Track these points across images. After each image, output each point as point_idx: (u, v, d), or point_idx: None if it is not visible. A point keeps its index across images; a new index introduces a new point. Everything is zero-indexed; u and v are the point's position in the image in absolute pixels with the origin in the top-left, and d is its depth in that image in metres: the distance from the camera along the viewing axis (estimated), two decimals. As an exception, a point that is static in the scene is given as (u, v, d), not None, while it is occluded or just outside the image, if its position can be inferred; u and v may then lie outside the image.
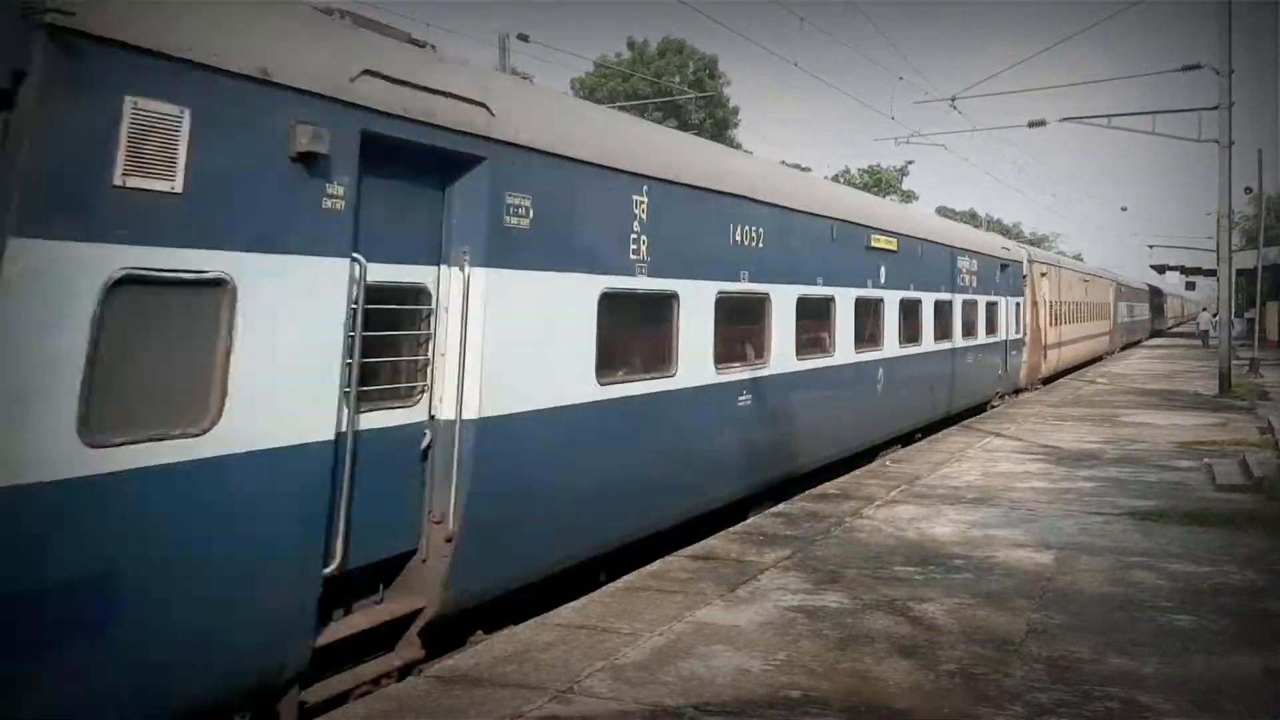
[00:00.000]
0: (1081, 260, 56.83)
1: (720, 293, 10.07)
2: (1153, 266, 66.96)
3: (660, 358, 9.26)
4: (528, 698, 5.60)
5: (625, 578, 8.15)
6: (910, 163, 76.98)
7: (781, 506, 11.10)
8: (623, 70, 53.75)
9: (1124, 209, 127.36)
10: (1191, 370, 33.39)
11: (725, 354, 10.27)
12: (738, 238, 10.48)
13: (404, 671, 6.38)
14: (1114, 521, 10.27)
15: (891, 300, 15.36)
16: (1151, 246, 66.43)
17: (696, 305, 9.65)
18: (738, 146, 53.00)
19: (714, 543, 9.37)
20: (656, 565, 8.54)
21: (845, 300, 13.51)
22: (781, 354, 11.49)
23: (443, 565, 6.59)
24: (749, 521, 10.37)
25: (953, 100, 28.12)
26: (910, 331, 16.34)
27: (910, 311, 16.30)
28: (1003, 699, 5.66)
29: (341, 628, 6.08)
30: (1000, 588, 7.86)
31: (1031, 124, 29.62)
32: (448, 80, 6.64)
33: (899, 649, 6.46)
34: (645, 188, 8.75)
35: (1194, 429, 17.71)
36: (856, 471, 13.64)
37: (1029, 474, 13.10)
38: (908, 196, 71.35)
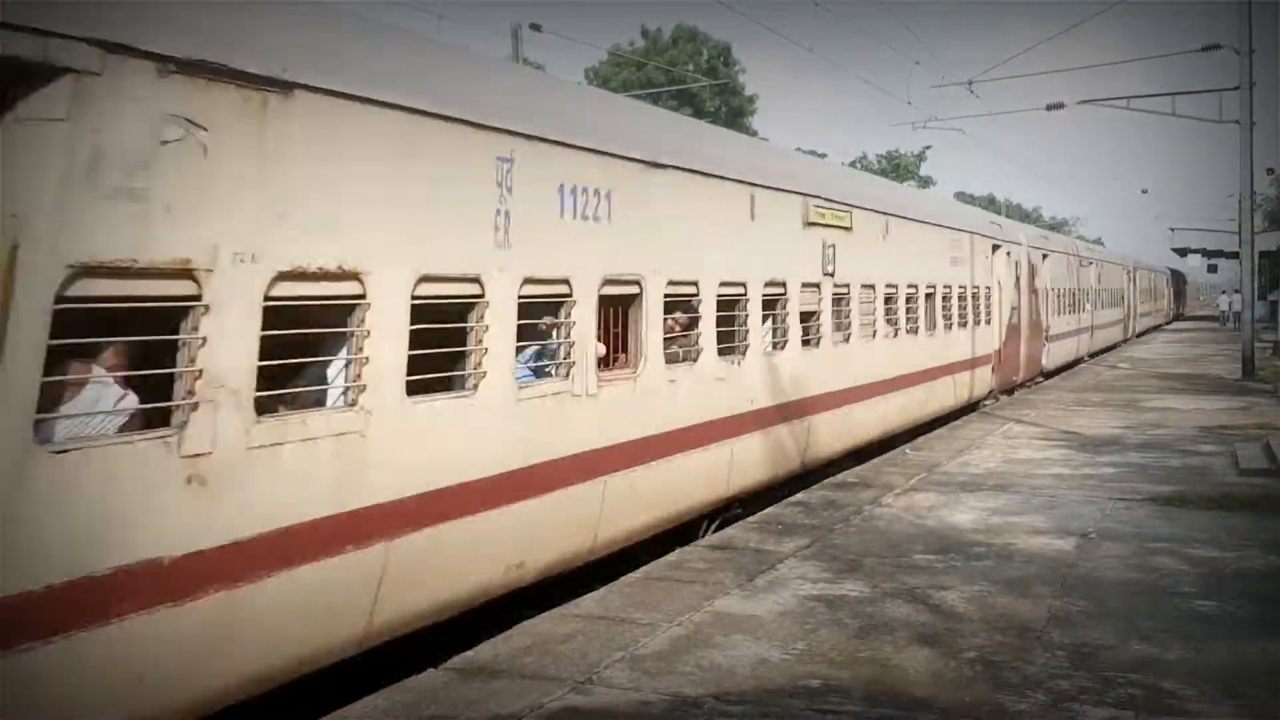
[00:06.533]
0: (1103, 245, 57.36)
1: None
2: (1174, 249, 66.17)
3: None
4: (547, 689, 5.61)
5: (643, 568, 8.15)
6: (928, 147, 76.57)
7: (800, 496, 11.08)
8: (636, 59, 53.64)
9: (1144, 191, 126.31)
10: (1213, 354, 33.10)
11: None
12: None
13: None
14: (1136, 507, 10.20)
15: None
16: (1173, 229, 65.66)
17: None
18: (754, 134, 52.77)
19: (732, 532, 9.36)
20: (674, 555, 8.55)
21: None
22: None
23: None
24: (767, 511, 10.35)
25: (970, 84, 27.92)
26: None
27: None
28: (1024, 686, 5.63)
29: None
30: (1021, 575, 7.82)
31: (1050, 107, 29.38)
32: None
33: (919, 637, 6.43)
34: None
35: (1216, 413, 17.56)
36: (875, 460, 13.60)
37: (1050, 460, 13.03)
38: (925, 182, 70.94)
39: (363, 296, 5.64)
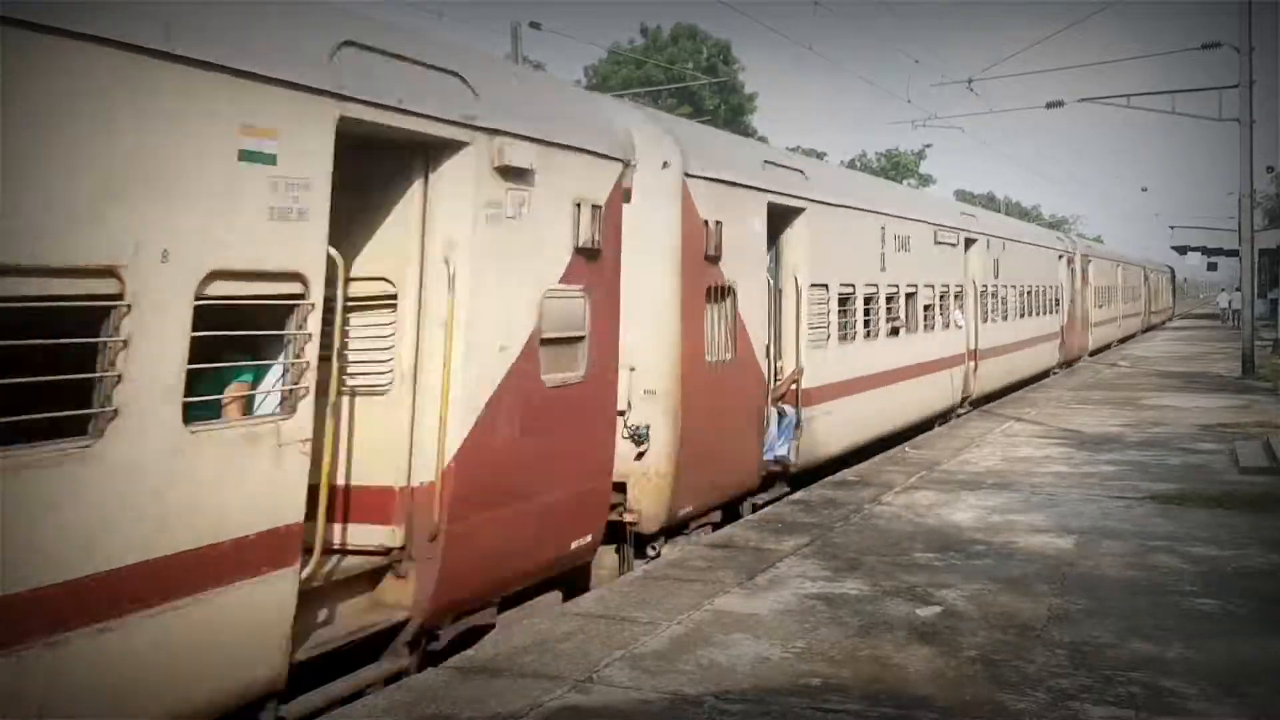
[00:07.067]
0: (1102, 242, 57.61)
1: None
2: (1174, 248, 66.16)
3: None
4: (547, 687, 5.61)
5: (643, 566, 8.15)
6: (928, 146, 76.65)
7: (799, 494, 11.08)
8: (636, 57, 53.63)
9: (1144, 189, 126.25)
10: (1213, 352, 33.10)
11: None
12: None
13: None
14: (1136, 505, 10.20)
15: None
16: (1173, 227, 65.61)
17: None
18: (753, 133, 52.74)
19: (732, 531, 9.36)
20: (674, 554, 8.54)
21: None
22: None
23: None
24: (766, 510, 10.36)
25: (970, 82, 27.97)
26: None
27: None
28: (1024, 685, 5.63)
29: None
30: (1021, 573, 7.82)
31: (1050, 105, 29.35)
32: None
33: (919, 636, 6.43)
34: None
35: (1217, 411, 17.56)
36: (876, 458, 13.61)
37: (1050, 458, 13.02)
38: (925, 180, 70.95)
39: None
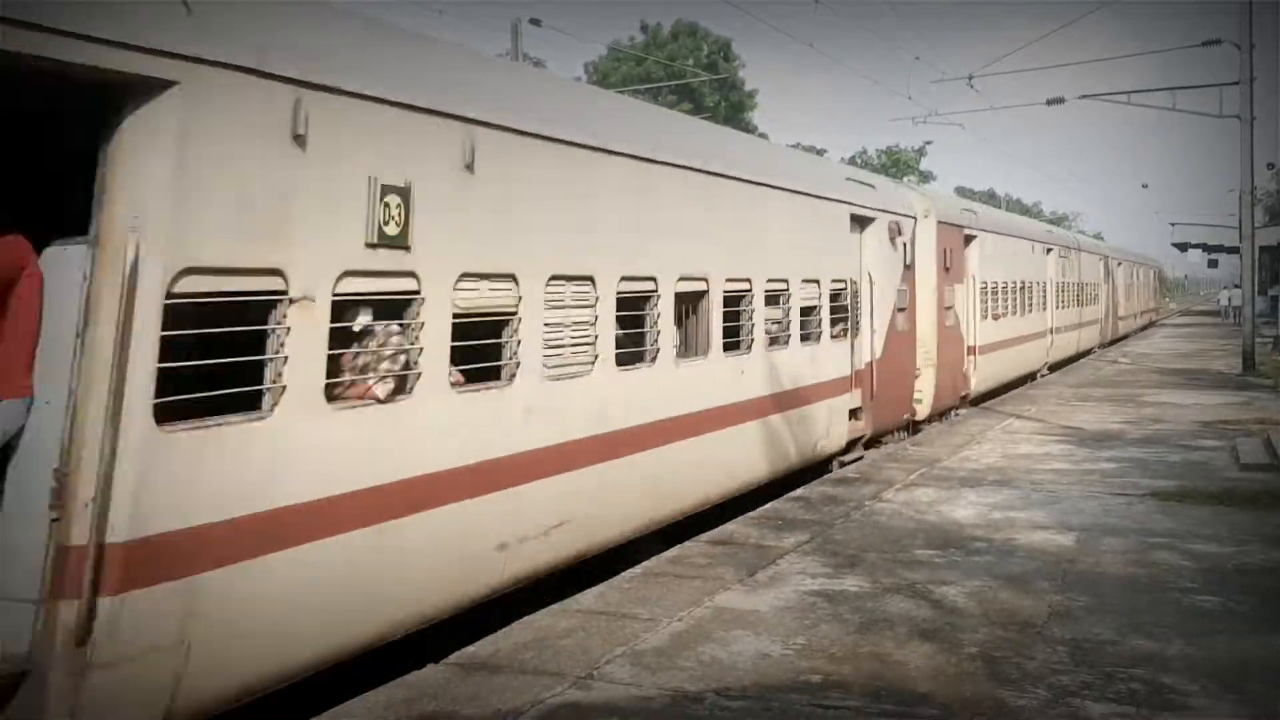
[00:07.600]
0: (1102, 239, 57.61)
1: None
2: (1174, 245, 66.13)
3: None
4: (547, 684, 5.60)
5: (644, 563, 8.15)
6: (928, 143, 76.81)
7: (800, 491, 11.07)
8: (636, 54, 53.59)
9: (1145, 186, 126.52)
10: (1214, 349, 33.09)
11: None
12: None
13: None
14: (1136, 502, 10.19)
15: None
16: (1173, 224, 65.58)
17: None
18: (753, 130, 52.72)
19: (732, 527, 9.35)
20: (675, 551, 8.54)
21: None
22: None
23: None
24: (767, 506, 10.34)
25: (970, 79, 27.95)
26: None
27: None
28: (1025, 681, 5.63)
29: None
30: (1022, 570, 7.81)
31: (1050, 101, 29.32)
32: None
33: (920, 632, 6.43)
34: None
35: (1217, 408, 17.55)
36: (875, 455, 13.60)
37: (1050, 455, 13.02)
38: (925, 177, 70.95)
39: None
